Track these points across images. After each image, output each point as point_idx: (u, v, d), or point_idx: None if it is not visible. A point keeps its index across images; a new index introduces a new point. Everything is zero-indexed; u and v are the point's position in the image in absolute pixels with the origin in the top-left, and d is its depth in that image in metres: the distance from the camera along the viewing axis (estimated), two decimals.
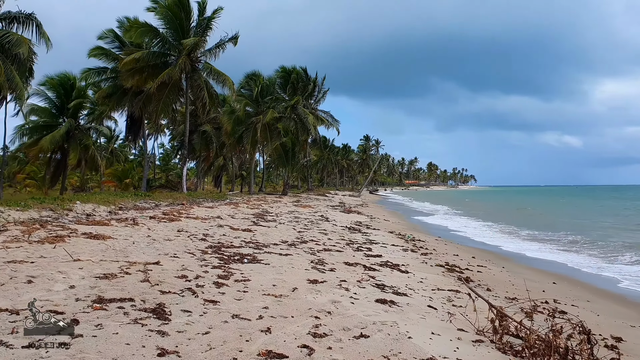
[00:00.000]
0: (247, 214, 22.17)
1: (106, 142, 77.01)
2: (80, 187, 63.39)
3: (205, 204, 26.46)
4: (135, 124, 42.88)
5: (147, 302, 6.14)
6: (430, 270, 13.08)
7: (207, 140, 49.79)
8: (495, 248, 21.92)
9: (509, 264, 16.89)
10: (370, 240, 18.05)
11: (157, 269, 7.91)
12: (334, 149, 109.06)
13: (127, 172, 62.51)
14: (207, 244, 11.90)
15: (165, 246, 10.73)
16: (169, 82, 34.97)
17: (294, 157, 48.35)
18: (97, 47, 38.11)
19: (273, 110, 44.61)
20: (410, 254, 16.03)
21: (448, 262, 15.17)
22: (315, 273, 9.61)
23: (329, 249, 13.99)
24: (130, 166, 66.28)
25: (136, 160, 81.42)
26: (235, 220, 18.91)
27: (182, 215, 18.24)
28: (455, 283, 11.68)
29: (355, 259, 12.99)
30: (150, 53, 35.12)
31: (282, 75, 54.55)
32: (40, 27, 28.86)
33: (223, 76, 35.45)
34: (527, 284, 13.80)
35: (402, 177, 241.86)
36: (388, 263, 12.96)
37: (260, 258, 10.66)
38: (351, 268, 11.28)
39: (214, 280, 7.70)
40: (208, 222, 16.80)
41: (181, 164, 41.19)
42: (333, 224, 23.15)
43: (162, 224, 14.86)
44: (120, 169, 65.30)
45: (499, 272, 14.77)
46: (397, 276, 11.22)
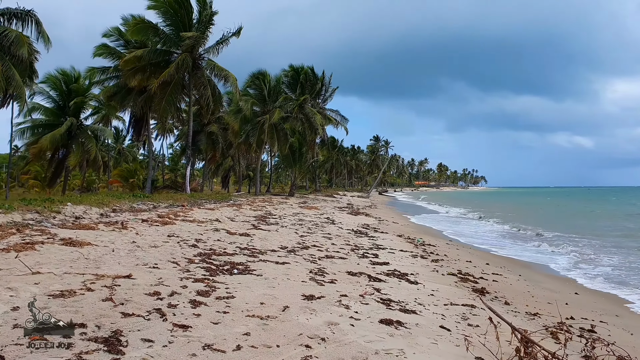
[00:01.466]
0: (249, 217, 21.14)
1: (114, 142, 76.62)
2: (86, 187, 62.90)
3: (207, 205, 25.47)
4: (138, 123, 42.11)
5: (102, 328, 5.09)
6: (441, 280, 11.97)
7: (213, 141, 48.91)
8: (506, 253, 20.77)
9: (526, 272, 15.73)
10: (377, 246, 16.96)
11: (126, 284, 6.86)
12: (342, 150, 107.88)
13: (133, 172, 61.86)
14: (196, 251, 10.86)
15: (148, 254, 9.70)
16: (170, 80, 34.09)
17: (301, 158, 47.28)
18: (102, 45, 37.33)
19: (280, 110, 43.57)
20: (420, 261, 14.93)
21: (461, 270, 14.05)
22: (312, 286, 8.54)
23: (331, 256, 12.91)
24: (136, 166, 65.67)
25: (145, 161, 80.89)
26: (235, 223, 17.88)
27: (178, 217, 17.24)
28: (469, 295, 10.58)
29: (359, 267, 11.90)
30: (151, 51, 34.27)
31: (291, 75, 53.54)
32: (40, 24, 28.05)
33: (226, 72, 34.52)
34: (547, 294, 12.68)
35: (411, 178, 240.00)
36: (396, 272, 11.86)
37: (252, 268, 9.60)
38: (354, 279, 10.19)
39: (191, 297, 6.63)
40: (204, 226, 15.78)
41: (185, 165, 40.17)
42: (339, 227, 22.08)
43: (153, 228, 13.86)
44: (127, 169, 64.67)
45: (516, 281, 13.63)
46: (406, 288, 10.13)
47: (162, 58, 35.11)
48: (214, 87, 35.83)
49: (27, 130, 36.71)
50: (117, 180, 63.18)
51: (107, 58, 37.84)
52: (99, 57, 37.54)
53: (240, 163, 57.53)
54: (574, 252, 20.74)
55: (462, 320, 8.04)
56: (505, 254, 20.07)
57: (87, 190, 56.33)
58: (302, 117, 49.67)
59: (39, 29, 28.09)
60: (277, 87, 46.54)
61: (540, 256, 19.81)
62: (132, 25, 34.53)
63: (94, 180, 70.64)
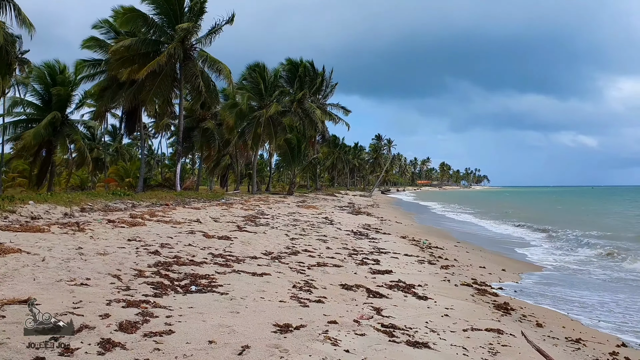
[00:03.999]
0: (237, 217, 19.09)
1: (112, 140, 74.72)
2: (79, 185, 61.09)
3: (194, 204, 23.45)
4: (130, 118, 40.15)
5: None
6: (455, 293, 9.94)
7: (208, 138, 46.83)
8: (522, 256, 18.70)
9: None
10: (378, 249, 14.92)
11: (18, 313, 4.83)
12: (344, 148, 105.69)
13: (129, 170, 60.00)
14: (155, 260, 8.84)
15: (87, 265, 7.68)
16: (160, 71, 32.08)
17: (299, 155, 45.17)
18: (91, 38, 35.25)
19: (277, 104, 41.46)
20: (428, 268, 12.90)
21: (476, 279, 12.02)
22: (292, 309, 6.50)
23: (324, 264, 10.87)
24: (132, 165, 63.84)
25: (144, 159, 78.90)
26: (218, 224, 15.84)
27: (153, 218, 15.22)
28: (491, 314, 8.54)
29: (357, 277, 9.86)
30: (140, 41, 32.22)
31: (289, 69, 51.43)
32: (20, 10, 26.05)
33: (219, 64, 32.46)
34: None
35: (414, 177, 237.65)
36: (400, 283, 9.83)
37: (219, 282, 7.57)
38: (349, 294, 8.17)
39: (105, 334, 4.59)
40: (179, 227, 13.75)
41: (176, 161, 38.16)
42: (337, 228, 20.04)
43: (115, 230, 11.84)
44: (123, 168, 62.80)
45: (546, 291, 11.53)
46: (413, 306, 8.11)
47: (151, 48, 33.05)
48: (207, 79, 33.77)
49: (9, 125, 34.74)
50: (113, 179, 61.44)
51: (96, 51, 35.85)
52: (88, 49, 35.56)
53: (239, 161, 55.41)
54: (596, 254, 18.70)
55: (491, 356, 6.01)
56: (521, 258, 18.02)
57: (80, 189, 54.51)
58: (300, 112, 47.60)
59: (19, 14, 26.07)
60: (274, 81, 44.40)
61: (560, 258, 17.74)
62: (121, 14, 32.53)
63: (88, 179, 68.79)
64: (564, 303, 10.70)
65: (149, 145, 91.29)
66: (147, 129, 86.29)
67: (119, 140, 75.28)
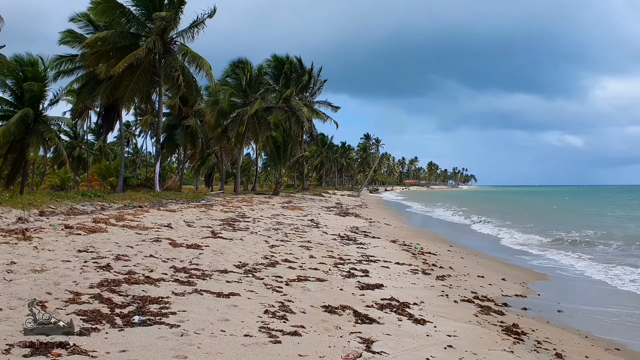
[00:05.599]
0: (214, 220, 17.65)
1: (95, 139, 72.76)
2: (60, 185, 59.36)
3: (171, 206, 21.98)
4: (109, 115, 38.52)
5: None
6: (456, 313, 8.60)
7: (192, 136, 45.25)
8: (522, 260, 17.47)
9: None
10: (367, 257, 13.57)
11: None
12: (332, 147, 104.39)
13: (113, 170, 58.23)
14: (102, 277, 7.41)
15: (10, 288, 6.24)
16: (138, 64, 30.52)
17: (285, 153, 43.73)
18: (69, 32, 33.53)
19: (261, 101, 39.94)
20: (423, 279, 11.57)
21: (476, 293, 10.71)
22: (258, 349, 5.10)
23: (305, 277, 9.49)
24: (115, 163, 62.07)
25: (129, 159, 77.08)
26: (191, 229, 14.39)
27: (119, 222, 13.74)
28: (502, 341, 7.21)
29: (342, 295, 8.50)
30: (117, 33, 30.62)
31: (275, 65, 49.95)
32: None
33: (200, 59, 30.95)
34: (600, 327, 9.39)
35: (402, 176, 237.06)
36: (393, 301, 8.48)
37: (174, 308, 6.16)
38: (333, 320, 6.80)
39: None
40: (145, 234, 12.29)
41: (155, 160, 36.55)
42: (323, 232, 18.69)
43: (69, 238, 10.38)
44: (105, 167, 61.04)
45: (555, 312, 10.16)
46: (409, 333, 6.76)
47: (129, 42, 31.45)
48: (187, 75, 32.25)
49: None
50: (95, 178, 59.74)
51: (74, 46, 34.18)
52: (65, 44, 33.88)
53: (223, 160, 53.84)
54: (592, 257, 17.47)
55: None
56: (516, 263, 16.78)
57: (61, 189, 52.81)
58: (286, 109, 46.15)
59: None
60: (258, 77, 42.84)
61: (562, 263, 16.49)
62: (96, 4, 30.89)
63: (69, 178, 66.92)
64: (580, 319, 9.44)
65: (135, 144, 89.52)
66: (132, 128, 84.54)
67: (102, 138, 73.31)
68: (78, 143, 70.82)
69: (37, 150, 32.92)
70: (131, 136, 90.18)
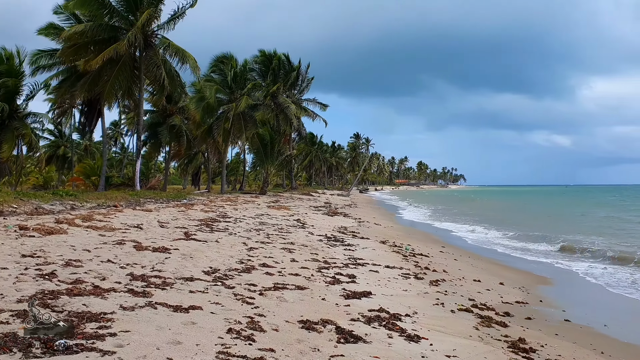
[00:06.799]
0: (192, 220, 16.50)
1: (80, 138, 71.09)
2: (42, 185, 57.93)
3: (149, 205, 20.83)
4: (90, 112, 37.22)
5: None
6: (454, 325, 7.53)
7: (177, 134, 43.95)
8: (519, 261, 16.49)
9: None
10: (355, 260, 12.49)
11: None
12: (322, 146, 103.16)
13: (96, 169, 56.72)
14: (40, 287, 6.28)
15: None
16: (118, 59, 29.29)
17: (273, 152, 42.56)
18: (50, 25, 32.23)
19: (248, 97, 38.72)
20: (415, 284, 10.52)
21: (474, 300, 9.68)
22: None
23: (283, 285, 8.39)
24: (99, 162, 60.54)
25: (116, 158, 75.54)
26: (162, 230, 13.25)
27: (85, 223, 12.57)
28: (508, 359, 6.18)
29: (325, 306, 7.41)
30: (96, 26, 29.38)
31: (262, 61, 48.78)
32: None
33: (183, 53, 29.76)
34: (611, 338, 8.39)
35: (392, 176, 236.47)
36: (382, 313, 7.40)
37: (115, 328, 5.04)
38: (311, 339, 5.70)
39: None
40: (109, 236, 11.14)
41: (135, 158, 35.27)
42: (308, 233, 17.61)
43: (18, 241, 9.23)
44: (89, 166, 59.51)
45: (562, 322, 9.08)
46: (401, 354, 5.67)
47: (109, 35, 30.19)
48: (169, 69, 31.04)
49: None
50: (79, 177, 58.20)
51: (55, 40, 32.83)
52: (46, 36, 32.51)
53: (210, 159, 52.58)
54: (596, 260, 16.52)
55: None
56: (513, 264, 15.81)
57: (44, 189, 51.46)
58: (274, 107, 45.01)
59: None
60: (244, 73, 41.62)
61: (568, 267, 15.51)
62: None
63: (52, 177, 65.38)
64: (589, 330, 8.45)
65: (122, 143, 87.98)
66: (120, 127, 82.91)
67: (88, 137, 71.67)
68: (63, 142, 69.28)
69: (10, 148, 31.59)
70: (119, 135, 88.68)
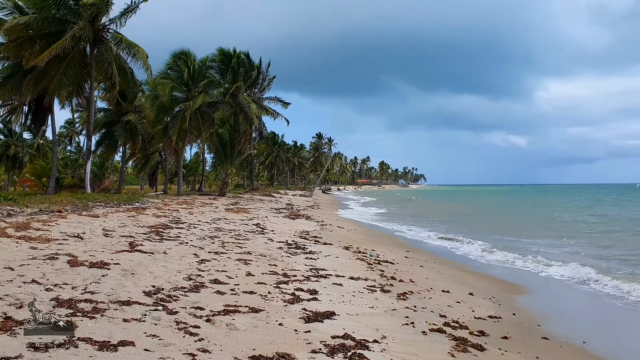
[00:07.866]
0: (141, 227, 15.30)
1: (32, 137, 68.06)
2: None
3: (97, 210, 19.45)
4: (40, 110, 35.30)
5: None
6: (429, 352, 6.67)
7: (131, 132, 42.20)
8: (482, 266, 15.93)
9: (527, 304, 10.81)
10: (317, 271, 11.60)
11: None
12: (284, 146, 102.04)
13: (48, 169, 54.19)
14: None
15: None
16: (66, 54, 27.64)
17: (233, 151, 41.30)
18: None
19: (205, 95, 37.37)
20: (381, 299, 9.69)
21: (445, 315, 8.98)
22: None
23: (234, 308, 7.39)
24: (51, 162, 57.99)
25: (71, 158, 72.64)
26: (106, 240, 12.05)
27: (18, 233, 11.28)
28: None
29: (282, 333, 6.47)
30: (42, 18, 27.65)
31: (221, 59, 47.36)
32: None
33: (135, 47, 28.32)
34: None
35: (354, 176, 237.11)
36: (347, 340, 6.50)
37: None
38: None
39: None
40: (41, 249, 9.92)
41: (85, 159, 33.56)
42: (268, 239, 16.65)
43: None
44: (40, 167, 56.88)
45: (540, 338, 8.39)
46: None
47: (55, 28, 28.45)
48: (122, 66, 29.52)
49: None
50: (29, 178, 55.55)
51: None
52: None
53: (167, 159, 50.90)
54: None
55: None
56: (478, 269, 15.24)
57: None
58: (234, 105, 43.74)
59: None
60: (202, 70, 40.21)
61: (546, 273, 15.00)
62: None
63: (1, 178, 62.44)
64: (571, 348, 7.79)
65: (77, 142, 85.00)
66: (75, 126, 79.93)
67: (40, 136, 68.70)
68: (13, 141, 66.27)
69: None
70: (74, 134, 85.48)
